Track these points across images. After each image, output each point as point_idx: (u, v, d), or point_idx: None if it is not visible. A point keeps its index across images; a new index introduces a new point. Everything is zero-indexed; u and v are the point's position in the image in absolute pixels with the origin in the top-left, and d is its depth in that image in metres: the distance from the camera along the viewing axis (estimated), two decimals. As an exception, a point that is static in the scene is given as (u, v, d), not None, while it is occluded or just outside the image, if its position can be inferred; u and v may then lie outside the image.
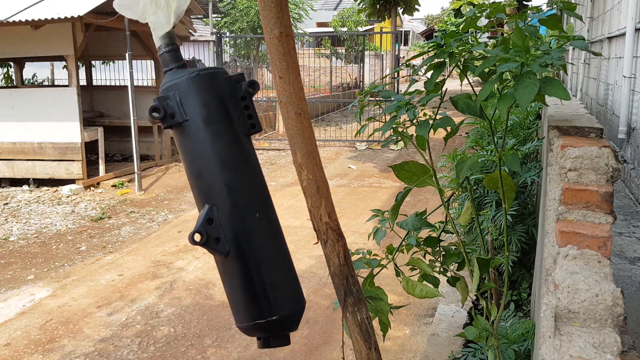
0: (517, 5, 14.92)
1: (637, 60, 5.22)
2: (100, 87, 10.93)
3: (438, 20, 44.52)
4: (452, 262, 1.81)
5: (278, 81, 1.23)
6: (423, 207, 2.05)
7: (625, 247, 3.58)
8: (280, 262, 1.18)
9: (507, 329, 2.43)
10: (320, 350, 3.38)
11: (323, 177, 1.29)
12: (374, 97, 5.17)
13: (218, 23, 19.12)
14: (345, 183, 7.99)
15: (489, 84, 1.39)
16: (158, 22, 1.16)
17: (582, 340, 1.10)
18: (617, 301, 1.13)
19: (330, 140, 11.56)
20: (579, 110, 2.15)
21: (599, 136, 1.62)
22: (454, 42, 1.52)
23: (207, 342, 3.51)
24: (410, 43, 38.53)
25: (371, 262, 1.74)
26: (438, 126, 1.55)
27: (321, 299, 4.07)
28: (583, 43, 1.41)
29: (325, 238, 1.30)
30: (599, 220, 1.39)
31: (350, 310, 1.32)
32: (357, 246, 1.91)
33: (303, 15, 19.47)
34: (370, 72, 21.71)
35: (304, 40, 20.14)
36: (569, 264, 1.26)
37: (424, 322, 3.69)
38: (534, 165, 3.41)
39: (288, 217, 6.02)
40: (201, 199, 1.15)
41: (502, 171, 1.61)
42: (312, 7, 20.87)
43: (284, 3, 1.20)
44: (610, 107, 6.38)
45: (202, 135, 1.14)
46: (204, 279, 4.48)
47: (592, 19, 8.78)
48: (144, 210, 6.65)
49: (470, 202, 1.88)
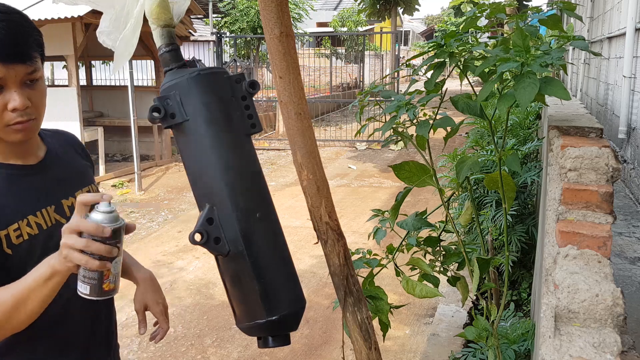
0: (517, 5, 14.93)
1: (637, 60, 5.22)
2: (100, 87, 10.93)
3: (438, 20, 44.52)
4: (452, 261, 1.81)
5: (278, 81, 1.23)
6: (423, 207, 2.05)
7: (625, 247, 3.58)
8: (280, 262, 1.17)
9: (507, 329, 2.43)
10: (320, 350, 3.38)
11: (323, 177, 1.29)
12: (374, 97, 5.17)
13: (218, 23, 19.11)
14: (345, 183, 7.99)
15: (489, 84, 1.39)
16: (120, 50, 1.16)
17: (582, 340, 1.11)
18: (617, 301, 1.13)
19: (330, 140, 11.56)
20: (579, 110, 2.15)
21: (599, 136, 1.62)
22: (454, 42, 1.52)
23: (207, 342, 3.51)
24: (410, 43, 38.54)
25: (371, 262, 1.74)
26: (438, 126, 1.55)
27: (321, 298, 4.07)
28: (583, 43, 1.40)
29: (325, 238, 1.30)
30: (599, 220, 1.39)
31: (350, 310, 1.32)
32: (357, 246, 1.91)
33: (303, 15, 19.46)
34: (370, 72, 21.71)
35: (304, 40, 20.13)
36: (569, 264, 1.26)
37: (424, 322, 3.69)
38: (534, 165, 3.41)
39: (288, 217, 6.02)
40: (201, 199, 1.15)
41: (502, 171, 1.61)
42: (312, 7, 20.85)
43: (284, 3, 1.20)
44: (610, 107, 6.38)
45: (202, 135, 1.14)
46: (204, 279, 4.49)
47: (592, 19, 8.79)
48: (144, 210, 6.65)
49: (470, 202, 1.88)
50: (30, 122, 1.17)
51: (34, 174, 1.25)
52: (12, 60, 1.10)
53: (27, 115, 1.16)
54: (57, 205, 1.26)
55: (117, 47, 1.14)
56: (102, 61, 12.16)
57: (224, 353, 3.37)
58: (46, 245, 1.21)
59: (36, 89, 1.18)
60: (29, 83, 1.16)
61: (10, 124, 1.15)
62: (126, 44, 1.13)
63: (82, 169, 1.39)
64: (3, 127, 1.15)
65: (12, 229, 1.17)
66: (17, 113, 1.14)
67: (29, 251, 1.19)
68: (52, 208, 1.25)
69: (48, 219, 1.24)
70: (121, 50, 1.14)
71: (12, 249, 1.17)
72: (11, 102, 1.12)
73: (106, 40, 1.13)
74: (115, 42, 1.13)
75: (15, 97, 1.12)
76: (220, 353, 3.37)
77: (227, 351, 3.39)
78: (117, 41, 1.14)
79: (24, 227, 1.19)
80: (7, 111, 1.13)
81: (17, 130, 1.16)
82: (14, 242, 1.17)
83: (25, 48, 1.12)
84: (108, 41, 1.13)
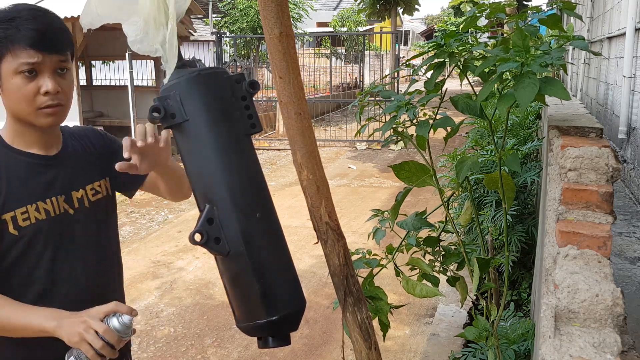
0: (517, 5, 14.92)
1: (637, 60, 5.22)
2: (100, 87, 10.93)
3: (438, 20, 44.55)
4: (452, 261, 1.81)
5: (278, 81, 1.23)
6: (423, 207, 2.05)
7: (625, 247, 3.58)
8: (280, 262, 1.17)
9: (507, 329, 2.43)
10: (320, 350, 3.38)
11: (323, 177, 1.29)
12: (374, 97, 5.17)
13: (218, 23, 19.11)
14: (345, 183, 7.99)
15: (489, 84, 1.39)
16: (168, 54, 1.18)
17: (582, 340, 1.11)
18: (617, 301, 1.13)
19: (330, 140, 11.56)
20: (579, 110, 2.15)
21: (599, 136, 1.62)
22: (454, 42, 1.52)
23: (207, 342, 3.51)
24: (410, 43, 38.53)
25: (371, 262, 1.74)
26: (438, 126, 1.55)
27: (321, 299, 4.07)
28: (583, 43, 1.40)
29: (325, 238, 1.30)
30: (599, 220, 1.39)
31: (350, 310, 1.32)
32: (357, 246, 1.91)
33: (303, 15, 19.46)
34: (370, 72, 21.70)
35: (304, 40, 20.12)
36: (569, 264, 1.26)
37: (424, 322, 3.69)
38: (534, 165, 3.41)
39: (288, 217, 6.02)
40: (201, 199, 1.15)
41: (502, 171, 1.61)
42: (312, 7, 20.86)
43: (284, 3, 1.20)
44: (610, 107, 6.38)
45: (202, 135, 1.14)
46: (204, 279, 4.49)
47: (592, 18, 8.79)
48: (144, 210, 6.65)
49: (470, 202, 1.88)
50: (59, 107, 1.27)
51: (50, 164, 1.35)
52: (49, 49, 1.23)
53: (58, 100, 1.26)
54: (67, 196, 1.36)
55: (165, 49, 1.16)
56: (102, 61, 12.16)
57: (224, 353, 3.37)
58: (50, 231, 1.32)
59: (66, 78, 1.29)
60: (60, 72, 1.27)
61: (42, 107, 1.25)
62: (171, 45, 1.16)
63: (96, 164, 1.46)
64: (34, 111, 1.25)
65: (20, 212, 1.28)
66: (49, 97, 1.25)
67: (34, 234, 1.30)
68: (62, 198, 1.35)
69: (57, 207, 1.34)
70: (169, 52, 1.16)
71: (18, 231, 1.28)
72: (44, 86, 1.24)
73: (141, 47, 1.18)
74: (152, 48, 1.17)
75: (48, 82, 1.24)
76: (220, 353, 3.37)
77: (227, 351, 3.39)
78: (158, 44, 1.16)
79: (32, 212, 1.30)
80: (39, 95, 1.24)
81: (47, 114, 1.26)
82: (20, 224, 1.28)
83: (60, 40, 1.26)
84: (144, 48, 1.18)
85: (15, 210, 1.27)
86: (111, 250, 1.49)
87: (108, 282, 1.47)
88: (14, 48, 1.21)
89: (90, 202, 1.41)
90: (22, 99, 1.24)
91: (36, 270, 1.31)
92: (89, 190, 1.41)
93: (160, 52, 1.17)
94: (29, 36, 1.21)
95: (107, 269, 1.47)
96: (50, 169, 1.35)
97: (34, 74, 1.23)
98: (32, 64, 1.22)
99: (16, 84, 1.23)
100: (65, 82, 1.29)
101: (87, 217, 1.40)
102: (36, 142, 1.33)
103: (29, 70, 1.22)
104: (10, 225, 1.27)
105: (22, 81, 1.23)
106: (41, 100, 1.24)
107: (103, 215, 1.46)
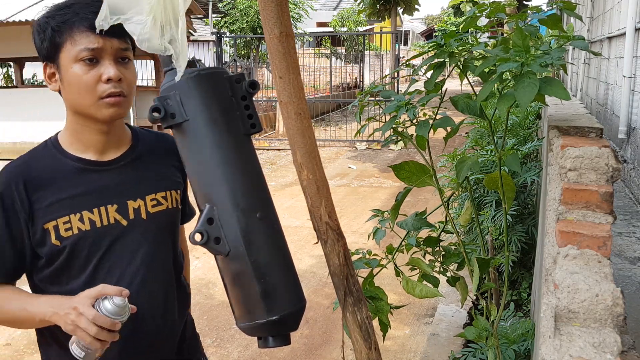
0: (517, 5, 14.93)
1: (637, 60, 5.22)
2: (100, 87, 10.91)
3: (438, 20, 44.54)
4: (452, 262, 1.81)
5: (278, 81, 1.23)
6: (423, 207, 2.05)
7: (625, 247, 3.58)
8: (280, 261, 1.17)
9: (507, 329, 2.43)
10: (320, 350, 3.38)
11: (323, 177, 1.29)
12: (374, 97, 5.17)
13: (218, 23, 19.12)
14: (345, 183, 7.99)
15: (489, 84, 1.39)
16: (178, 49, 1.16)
17: (582, 340, 1.11)
18: (617, 301, 1.13)
19: (330, 140, 11.56)
20: (579, 110, 2.15)
21: (599, 136, 1.62)
22: (454, 42, 1.51)
23: (207, 341, 3.51)
24: (410, 43, 38.55)
25: (371, 262, 1.74)
26: (438, 126, 1.55)
27: (321, 298, 4.07)
28: (583, 43, 1.40)
29: (325, 238, 1.30)
30: (599, 220, 1.39)
31: (350, 310, 1.32)
32: (357, 246, 1.91)
33: (303, 15, 19.47)
34: (370, 72, 21.70)
35: (304, 40, 20.13)
36: (569, 264, 1.26)
37: (424, 322, 3.69)
38: (534, 165, 3.41)
39: (288, 217, 6.02)
40: (201, 199, 1.15)
41: (502, 171, 1.61)
42: (312, 7, 20.88)
43: (283, 3, 1.20)
44: (610, 107, 6.38)
45: (202, 135, 1.14)
46: (204, 279, 4.48)
47: (592, 18, 8.79)
48: (144, 210, 6.65)
49: (470, 202, 1.88)
50: (121, 98, 1.20)
51: (105, 170, 1.26)
52: (109, 32, 1.15)
53: (120, 88, 1.19)
54: (120, 205, 1.25)
55: (177, 48, 1.15)
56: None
57: (224, 353, 3.37)
58: (95, 243, 1.23)
59: (129, 68, 1.22)
60: (121, 61, 1.20)
61: (103, 96, 1.18)
62: (182, 44, 1.15)
63: (168, 174, 1.35)
64: (96, 101, 1.18)
65: (62, 221, 1.19)
66: (110, 84, 1.17)
67: (76, 245, 1.21)
68: (113, 207, 1.24)
69: (105, 217, 1.23)
70: (180, 52, 1.15)
71: (61, 241, 1.20)
72: (105, 73, 1.17)
73: (150, 46, 1.14)
74: (162, 47, 1.14)
75: (110, 69, 1.17)
76: (220, 353, 3.37)
77: (227, 351, 3.39)
78: (170, 43, 1.14)
79: (75, 222, 1.20)
80: (101, 83, 1.17)
81: (109, 105, 1.18)
82: (62, 235, 1.19)
83: (120, 26, 1.15)
84: (153, 46, 1.14)
85: (58, 219, 1.19)
86: (163, 269, 1.34)
87: (157, 304, 1.31)
88: (73, 33, 1.15)
89: (148, 214, 1.28)
90: (82, 89, 1.17)
91: (75, 281, 1.23)
92: (149, 200, 1.29)
93: (170, 51, 1.15)
94: (88, 19, 1.15)
95: (156, 289, 1.31)
96: (103, 175, 1.25)
97: (94, 61, 1.17)
98: (93, 50, 1.16)
99: (76, 73, 1.17)
100: (129, 72, 1.21)
101: (141, 230, 1.28)
102: (94, 144, 1.25)
103: (89, 58, 1.16)
104: (52, 235, 1.19)
105: (82, 69, 1.16)
106: (103, 88, 1.17)
107: (161, 229, 1.32)
